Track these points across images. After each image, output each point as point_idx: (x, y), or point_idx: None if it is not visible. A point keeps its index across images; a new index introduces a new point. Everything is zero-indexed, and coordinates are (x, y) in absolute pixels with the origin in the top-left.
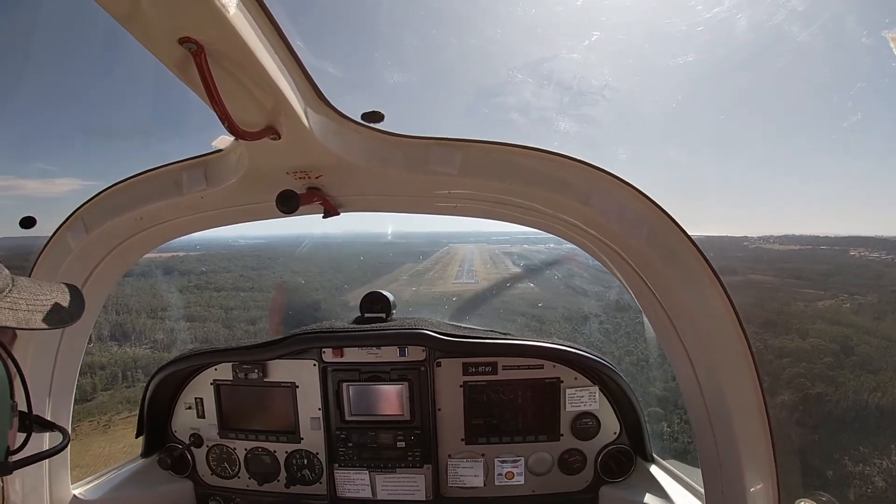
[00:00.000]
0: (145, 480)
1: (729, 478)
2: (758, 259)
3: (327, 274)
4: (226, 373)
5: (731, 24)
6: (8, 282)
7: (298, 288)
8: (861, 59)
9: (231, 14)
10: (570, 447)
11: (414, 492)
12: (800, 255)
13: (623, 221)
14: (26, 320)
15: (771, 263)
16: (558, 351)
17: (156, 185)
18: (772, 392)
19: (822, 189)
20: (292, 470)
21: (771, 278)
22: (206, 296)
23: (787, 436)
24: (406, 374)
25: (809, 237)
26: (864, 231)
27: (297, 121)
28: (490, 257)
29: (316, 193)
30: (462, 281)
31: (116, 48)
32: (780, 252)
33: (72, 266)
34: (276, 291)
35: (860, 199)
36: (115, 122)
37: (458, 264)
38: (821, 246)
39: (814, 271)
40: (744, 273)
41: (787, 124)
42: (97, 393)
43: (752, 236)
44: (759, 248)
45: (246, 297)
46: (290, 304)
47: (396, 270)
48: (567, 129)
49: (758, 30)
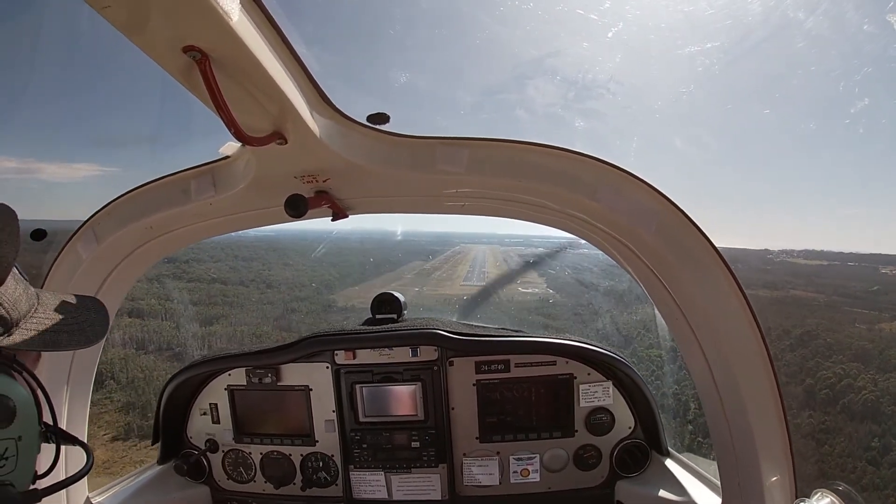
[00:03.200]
0: (162, 487)
1: (745, 470)
2: (795, 273)
3: (320, 269)
4: (239, 378)
5: (741, 12)
6: (34, 301)
7: (284, 283)
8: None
9: (234, 21)
10: (584, 443)
11: (429, 491)
12: (831, 271)
13: (633, 216)
14: (54, 342)
15: (808, 279)
16: (571, 347)
17: (164, 193)
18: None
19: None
20: (308, 473)
21: (814, 294)
22: (171, 286)
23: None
24: (419, 374)
25: (834, 253)
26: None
27: (304, 125)
28: (504, 259)
29: (324, 197)
30: (472, 283)
31: (121, 58)
32: (811, 267)
33: (83, 277)
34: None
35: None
36: (122, 131)
37: (468, 264)
38: (848, 262)
39: (858, 289)
40: (784, 288)
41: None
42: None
43: (774, 249)
44: (785, 262)
45: (221, 289)
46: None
47: (400, 269)
48: (574, 124)
49: (767, 15)
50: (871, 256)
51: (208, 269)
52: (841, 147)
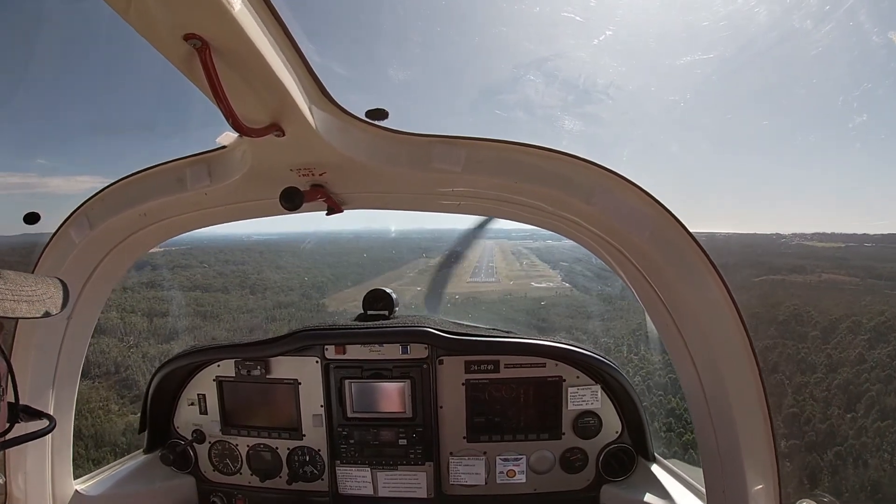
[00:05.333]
0: (147, 476)
1: (730, 477)
2: (817, 257)
3: (314, 269)
4: (228, 369)
5: (746, 20)
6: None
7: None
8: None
9: (236, 10)
10: (571, 446)
11: (415, 489)
12: (852, 252)
13: (626, 220)
14: (12, 310)
15: (835, 262)
16: (560, 350)
17: (159, 181)
18: None
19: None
20: (294, 466)
21: (849, 278)
22: (140, 297)
23: None
24: (408, 371)
25: (847, 235)
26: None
27: (302, 118)
28: (512, 253)
29: (320, 190)
30: (479, 280)
31: (120, 44)
32: (830, 250)
33: (76, 262)
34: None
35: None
36: (119, 118)
37: (475, 261)
38: (865, 243)
39: (892, 270)
40: (814, 272)
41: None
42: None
43: (786, 233)
44: (802, 245)
45: (196, 297)
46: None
47: (402, 267)
48: (572, 127)
49: (771, 25)
50: (890, 237)
51: (192, 275)
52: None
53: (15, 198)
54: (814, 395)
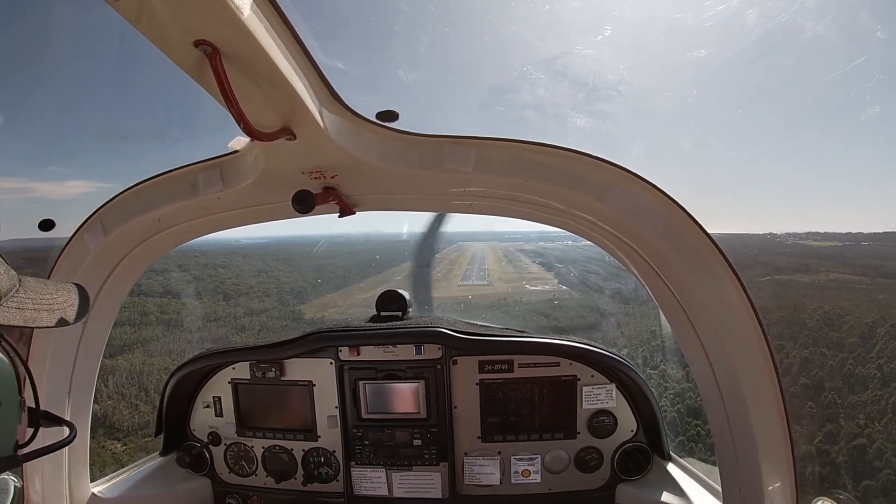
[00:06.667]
0: (164, 478)
1: (746, 476)
2: (819, 255)
3: (296, 274)
4: (243, 372)
5: (747, 17)
6: (15, 282)
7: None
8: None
9: (245, 16)
10: (586, 445)
11: (430, 489)
12: (852, 251)
13: (639, 217)
14: (33, 319)
15: (838, 260)
16: (575, 348)
17: (173, 186)
18: None
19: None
20: (309, 468)
21: (858, 277)
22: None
23: None
24: (422, 372)
25: (841, 234)
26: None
27: (313, 121)
28: (504, 255)
29: (331, 193)
30: (471, 282)
31: (131, 51)
32: (829, 249)
33: (90, 268)
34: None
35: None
36: (132, 124)
37: (466, 263)
38: (862, 242)
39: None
40: (821, 271)
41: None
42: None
43: (779, 232)
44: (798, 245)
45: (160, 304)
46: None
47: (388, 271)
48: (582, 125)
49: (772, 22)
50: (884, 235)
51: (166, 280)
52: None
53: (26, 203)
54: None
